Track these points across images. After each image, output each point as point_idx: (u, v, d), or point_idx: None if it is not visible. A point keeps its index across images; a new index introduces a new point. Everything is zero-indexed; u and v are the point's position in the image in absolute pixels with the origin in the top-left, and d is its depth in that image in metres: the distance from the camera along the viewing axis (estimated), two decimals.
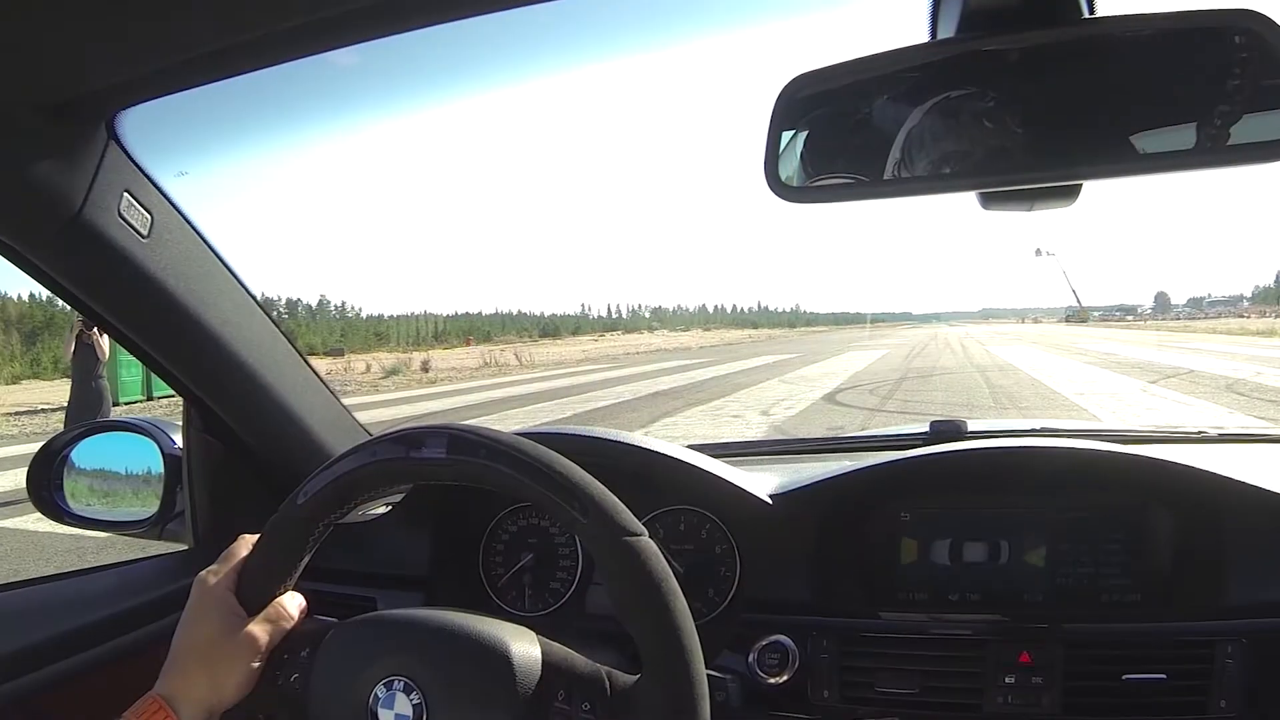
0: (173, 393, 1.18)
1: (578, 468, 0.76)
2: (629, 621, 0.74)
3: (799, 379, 16.93)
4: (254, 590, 0.83)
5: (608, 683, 0.74)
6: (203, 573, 0.84)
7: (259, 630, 0.81)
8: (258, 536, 0.85)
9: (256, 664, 0.80)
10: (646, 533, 0.75)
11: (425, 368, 26.60)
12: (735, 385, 15.70)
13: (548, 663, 0.76)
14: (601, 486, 0.76)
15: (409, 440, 0.80)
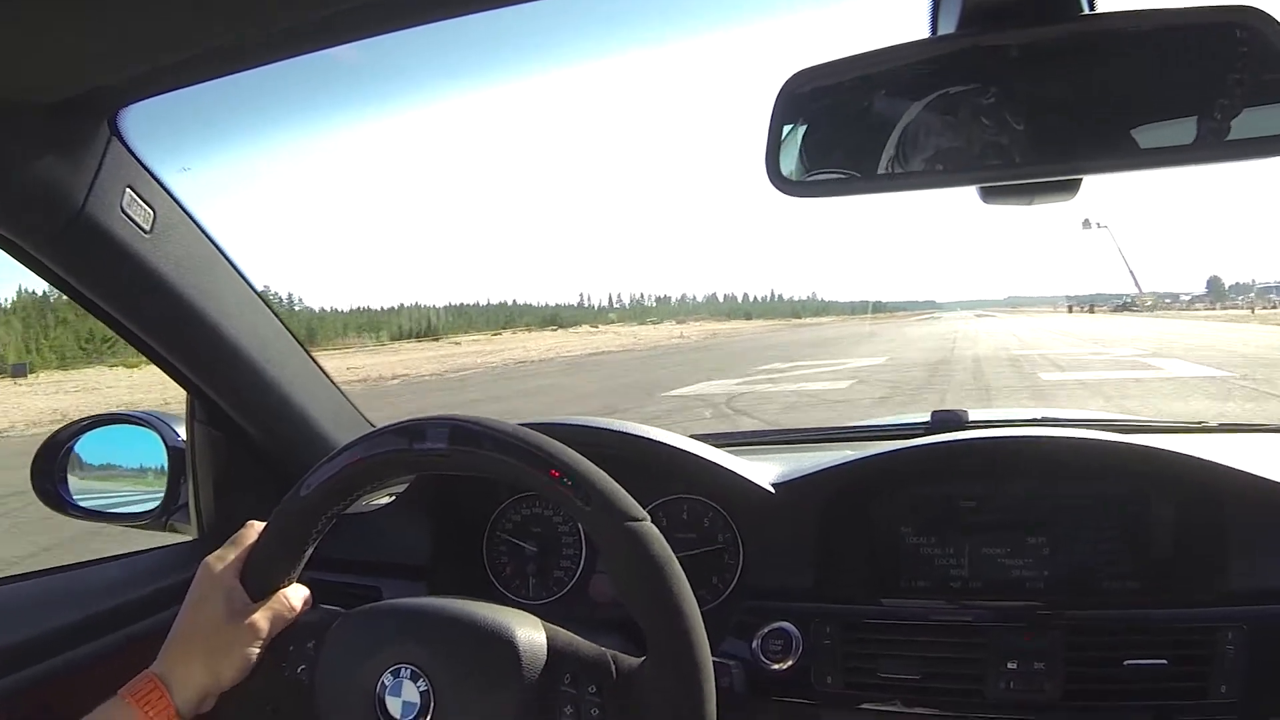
0: None
1: (580, 456, 0.77)
2: (633, 606, 0.74)
3: None
4: (259, 577, 0.83)
5: (613, 665, 0.75)
6: (209, 557, 0.84)
7: (262, 618, 0.81)
8: (265, 524, 0.86)
9: (256, 651, 0.81)
10: (649, 518, 0.75)
11: None
12: None
13: (553, 647, 0.77)
14: (603, 474, 0.76)
15: (411, 432, 0.80)
